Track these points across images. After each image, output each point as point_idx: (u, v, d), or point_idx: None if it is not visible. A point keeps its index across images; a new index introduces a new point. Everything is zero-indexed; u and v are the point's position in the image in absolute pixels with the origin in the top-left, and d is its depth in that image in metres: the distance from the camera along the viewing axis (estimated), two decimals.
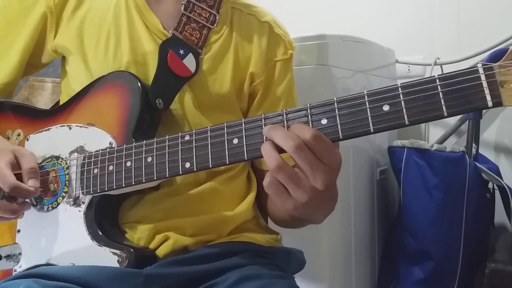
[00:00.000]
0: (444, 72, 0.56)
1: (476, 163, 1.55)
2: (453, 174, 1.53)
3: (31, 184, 0.76)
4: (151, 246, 0.80)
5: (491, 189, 1.61)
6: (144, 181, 0.74)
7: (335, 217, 1.38)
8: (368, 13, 1.98)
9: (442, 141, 1.77)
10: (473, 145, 1.59)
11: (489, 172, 1.54)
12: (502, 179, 1.55)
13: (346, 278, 1.46)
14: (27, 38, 0.87)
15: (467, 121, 1.64)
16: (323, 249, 1.35)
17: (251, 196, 0.91)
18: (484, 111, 1.65)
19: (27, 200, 0.79)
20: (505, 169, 1.69)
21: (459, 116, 1.77)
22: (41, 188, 0.79)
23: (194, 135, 0.70)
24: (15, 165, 0.77)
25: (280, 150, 0.61)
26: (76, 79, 0.88)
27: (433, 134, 1.85)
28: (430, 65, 1.80)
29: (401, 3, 1.92)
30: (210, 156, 0.68)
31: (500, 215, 1.62)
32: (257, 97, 0.92)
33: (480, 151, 1.64)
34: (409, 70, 1.89)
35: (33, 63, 0.91)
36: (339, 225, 1.41)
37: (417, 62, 1.87)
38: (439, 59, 1.79)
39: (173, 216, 0.82)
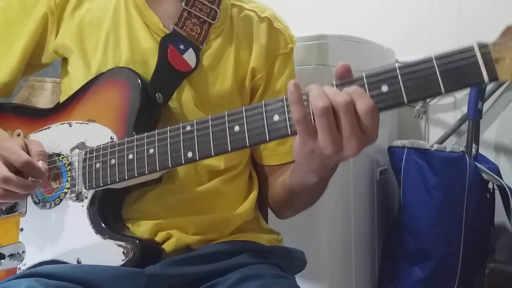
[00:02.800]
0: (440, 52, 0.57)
1: (476, 163, 1.55)
2: (453, 174, 1.53)
3: (40, 165, 0.77)
4: None
5: (491, 189, 1.61)
6: (147, 172, 0.74)
7: (335, 217, 1.39)
8: (368, 13, 1.98)
9: (442, 141, 1.77)
10: (473, 145, 1.59)
11: (489, 172, 1.54)
12: (502, 179, 1.55)
13: (346, 278, 1.46)
14: (28, 38, 0.87)
15: (467, 121, 1.64)
16: (323, 249, 1.36)
17: (253, 196, 0.91)
18: (484, 110, 1.65)
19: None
20: (505, 169, 1.69)
21: (459, 116, 1.77)
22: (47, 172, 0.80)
23: (195, 125, 0.70)
24: (25, 151, 0.78)
25: None
26: (76, 78, 0.88)
27: (433, 134, 1.85)
28: None
29: (401, 3, 1.92)
30: (212, 144, 0.68)
31: (500, 215, 1.62)
32: (258, 92, 0.92)
33: (480, 151, 1.64)
34: None
35: (33, 63, 0.91)
36: (339, 225, 1.42)
37: None
38: None
39: (176, 214, 0.82)
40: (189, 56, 0.85)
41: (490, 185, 1.60)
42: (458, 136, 1.80)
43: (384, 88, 0.59)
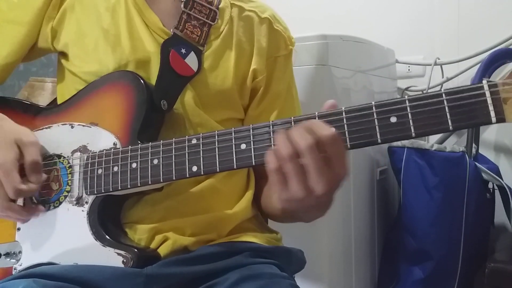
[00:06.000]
0: (450, 87, 0.58)
1: (476, 163, 1.55)
2: (453, 174, 1.53)
3: (33, 180, 0.77)
4: (151, 246, 0.80)
5: (491, 189, 1.61)
6: (150, 182, 0.74)
7: (335, 217, 1.39)
8: (368, 13, 1.98)
9: (442, 141, 1.77)
10: (473, 145, 1.59)
11: (489, 172, 1.54)
12: (502, 179, 1.55)
13: (346, 278, 1.46)
14: (30, 24, 0.86)
15: None
16: (323, 249, 1.35)
17: (250, 194, 0.91)
18: None
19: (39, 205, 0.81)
20: (505, 169, 1.69)
21: None
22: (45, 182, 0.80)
23: (201, 139, 0.70)
24: (20, 158, 0.77)
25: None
26: (75, 77, 0.87)
27: None
28: (430, 65, 1.80)
29: (401, 3, 1.92)
30: (217, 160, 0.68)
31: (500, 215, 1.62)
32: (259, 93, 0.92)
33: (480, 151, 1.64)
34: (409, 70, 1.89)
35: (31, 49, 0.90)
36: (339, 225, 1.41)
37: (417, 62, 1.87)
38: (439, 59, 1.79)
39: (173, 216, 0.82)
40: (191, 60, 0.85)
41: (490, 185, 1.60)
42: (458, 136, 1.80)
43: (393, 119, 0.59)
